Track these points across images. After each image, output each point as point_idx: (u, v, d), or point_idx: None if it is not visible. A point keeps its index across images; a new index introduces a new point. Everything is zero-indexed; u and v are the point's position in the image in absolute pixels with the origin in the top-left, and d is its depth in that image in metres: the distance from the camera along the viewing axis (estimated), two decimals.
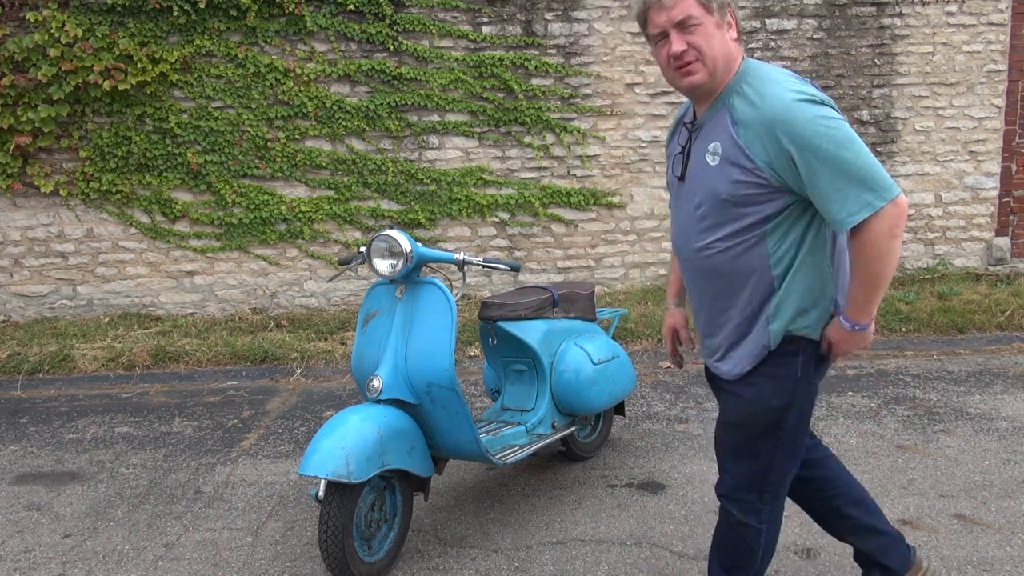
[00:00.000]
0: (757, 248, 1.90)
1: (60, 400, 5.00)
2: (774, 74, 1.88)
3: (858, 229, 1.80)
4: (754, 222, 1.88)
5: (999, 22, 6.69)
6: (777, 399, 1.99)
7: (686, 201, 2.01)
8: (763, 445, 2.05)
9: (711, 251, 1.95)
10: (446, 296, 2.83)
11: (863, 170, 1.76)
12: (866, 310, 1.88)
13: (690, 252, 2.03)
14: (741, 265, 1.92)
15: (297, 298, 6.68)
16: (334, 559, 2.60)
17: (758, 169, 1.82)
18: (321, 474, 2.51)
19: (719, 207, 1.90)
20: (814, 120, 1.77)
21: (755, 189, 1.84)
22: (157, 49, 6.05)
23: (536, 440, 3.30)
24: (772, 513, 2.14)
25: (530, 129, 6.57)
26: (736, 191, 1.85)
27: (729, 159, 1.85)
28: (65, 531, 3.26)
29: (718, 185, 1.88)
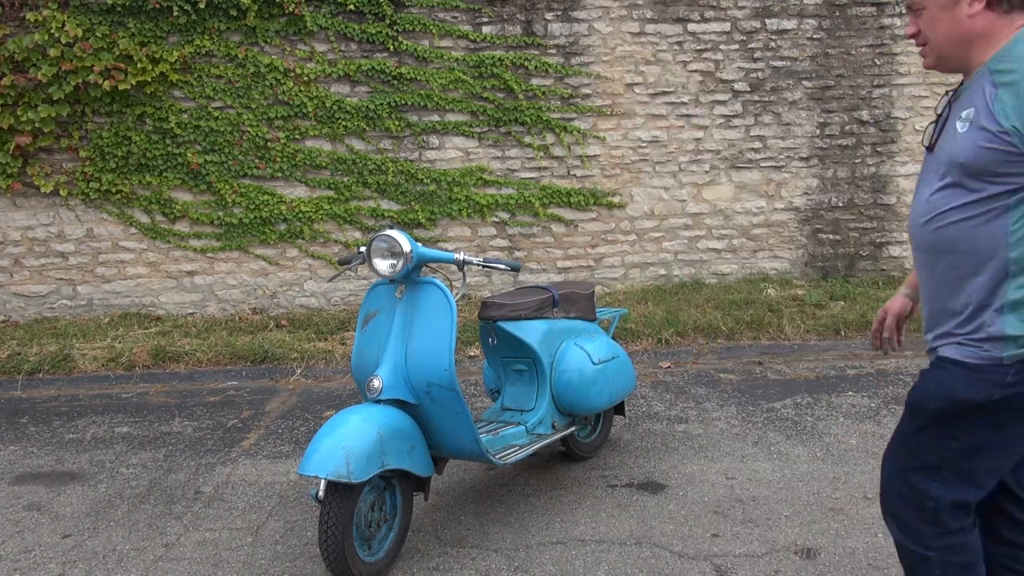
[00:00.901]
0: (995, 223, 1.68)
1: (60, 400, 5.00)
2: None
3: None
4: (996, 193, 1.67)
5: None
6: (968, 393, 1.73)
7: (931, 172, 1.83)
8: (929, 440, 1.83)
9: (941, 223, 1.76)
10: (446, 296, 2.83)
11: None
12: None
13: (920, 226, 1.83)
14: (973, 240, 1.71)
15: (297, 298, 6.68)
16: (334, 559, 2.60)
17: (1004, 133, 1.63)
18: (321, 474, 2.51)
19: (960, 176, 1.72)
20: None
21: (1000, 157, 1.65)
22: (157, 49, 6.05)
23: (536, 440, 3.30)
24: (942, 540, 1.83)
25: (530, 129, 6.57)
26: (979, 157, 1.67)
27: (978, 124, 1.68)
28: (65, 531, 3.25)
29: (961, 151, 1.70)
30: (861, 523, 3.07)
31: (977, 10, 1.70)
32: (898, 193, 6.88)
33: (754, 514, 3.17)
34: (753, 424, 4.14)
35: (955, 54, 1.77)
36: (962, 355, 1.75)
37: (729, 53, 6.62)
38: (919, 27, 1.79)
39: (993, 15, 1.70)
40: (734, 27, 6.59)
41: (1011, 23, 1.70)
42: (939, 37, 1.76)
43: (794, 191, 6.86)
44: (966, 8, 1.70)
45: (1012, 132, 1.62)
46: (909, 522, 1.87)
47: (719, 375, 4.98)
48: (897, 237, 6.94)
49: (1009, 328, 1.69)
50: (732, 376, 4.96)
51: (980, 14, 1.70)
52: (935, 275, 1.82)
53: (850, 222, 6.91)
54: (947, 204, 1.75)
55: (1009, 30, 1.70)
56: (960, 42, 1.74)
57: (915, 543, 1.86)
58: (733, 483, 3.46)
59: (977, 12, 1.70)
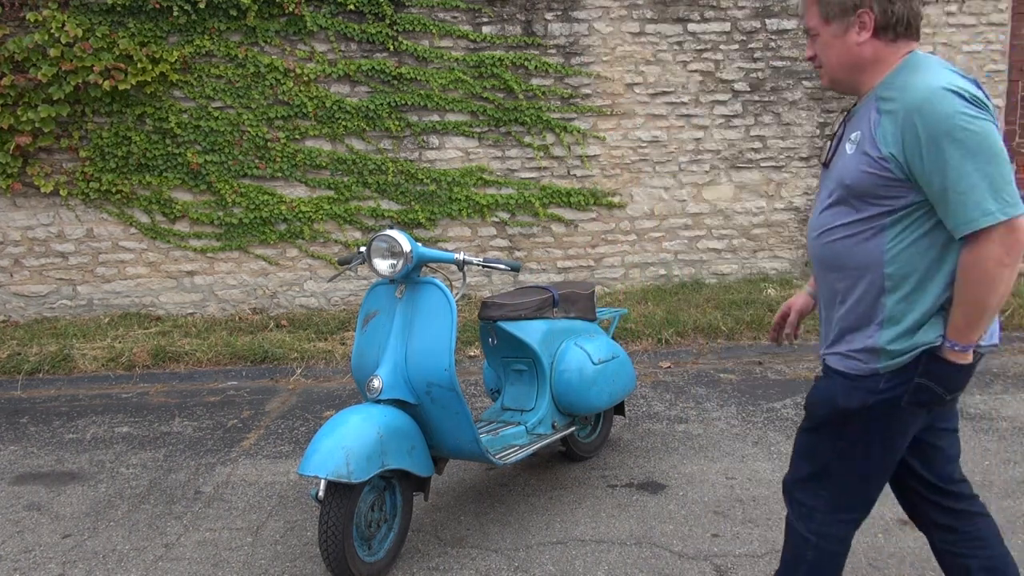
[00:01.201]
0: (874, 241, 1.81)
1: (60, 400, 5.00)
2: (934, 66, 1.78)
3: (970, 246, 1.70)
4: (874, 214, 1.80)
5: (999, 22, 6.69)
6: (846, 402, 1.87)
7: (824, 189, 1.96)
8: (822, 445, 1.96)
9: (829, 238, 1.89)
10: (446, 296, 2.83)
11: (993, 178, 1.66)
12: (965, 334, 1.77)
13: (813, 240, 1.97)
14: (855, 256, 1.84)
15: (297, 298, 6.68)
16: (334, 559, 2.60)
17: (884, 159, 1.74)
18: (321, 474, 2.51)
19: (844, 194, 1.84)
20: (955, 115, 1.66)
21: (879, 181, 1.76)
22: (157, 49, 6.05)
23: (536, 440, 3.30)
24: (824, 528, 1.99)
25: (530, 129, 6.57)
26: (861, 180, 1.79)
27: (863, 148, 1.79)
28: (65, 531, 3.26)
29: (848, 173, 1.82)
30: None
31: (865, 39, 1.81)
32: None
33: (754, 514, 3.17)
34: (753, 424, 4.14)
35: (846, 78, 1.88)
36: (844, 366, 1.88)
37: (729, 53, 6.62)
38: (815, 51, 1.90)
39: (880, 43, 1.81)
40: (734, 27, 6.59)
41: (897, 51, 1.82)
42: (831, 62, 1.87)
43: (794, 191, 6.86)
44: (855, 36, 1.81)
45: (890, 159, 1.73)
46: (804, 505, 2.02)
47: (719, 375, 4.98)
48: None
49: (885, 341, 1.81)
50: (732, 376, 4.96)
51: (868, 42, 1.81)
52: (826, 286, 1.95)
53: None
54: (835, 221, 1.87)
55: (895, 57, 1.82)
56: (851, 67, 1.85)
57: (804, 527, 2.01)
58: (733, 483, 3.46)
59: (865, 40, 1.81)
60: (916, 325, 1.80)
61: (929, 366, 1.80)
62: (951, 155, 1.66)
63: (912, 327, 1.80)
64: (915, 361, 1.81)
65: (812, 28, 1.88)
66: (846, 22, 1.81)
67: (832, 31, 1.84)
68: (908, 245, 1.78)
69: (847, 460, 1.93)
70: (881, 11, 1.78)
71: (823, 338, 2.02)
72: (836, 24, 1.83)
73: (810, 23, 1.88)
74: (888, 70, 1.82)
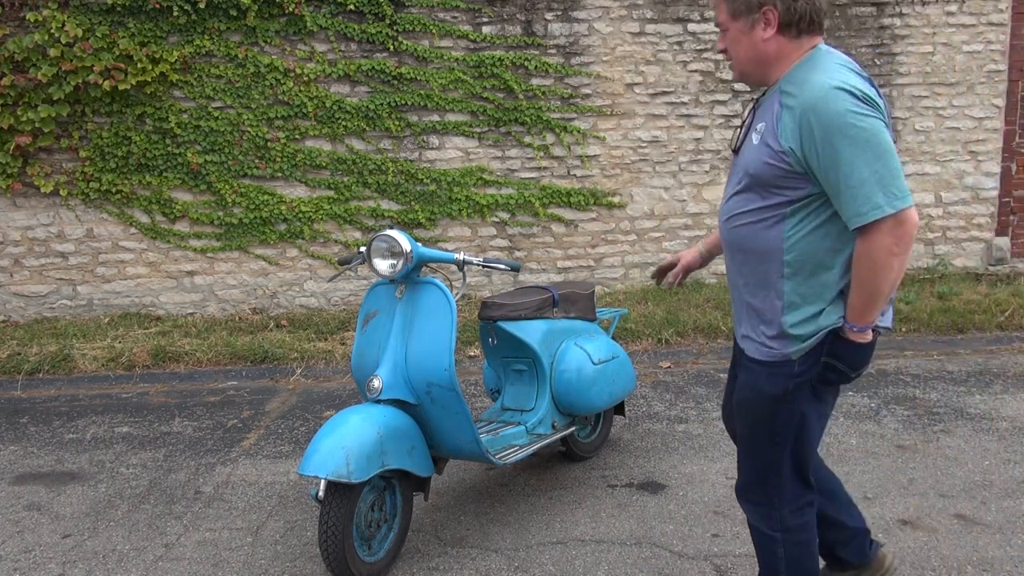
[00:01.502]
0: (775, 229, 1.92)
1: (60, 400, 5.00)
2: (830, 65, 1.87)
3: (863, 236, 1.80)
4: (776, 203, 1.91)
5: (999, 22, 6.69)
6: (770, 388, 1.99)
7: (734, 175, 2.07)
8: (761, 440, 2.07)
9: (737, 223, 2.00)
10: (446, 296, 2.83)
11: (881, 173, 1.75)
12: (863, 316, 1.88)
13: (723, 224, 2.08)
14: (758, 241, 1.96)
15: (297, 298, 6.68)
16: (334, 559, 2.60)
17: (783, 152, 1.85)
18: (321, 474, 2.51)
19: (749, 183, 1.95)
20: (846, 112, 1.76)
21: (779, 172, 1.87)
22: (157, 49, 6.05)
23: (536, 440, 3.30)
24: (785, 522, 2.09)
25: (530, 129, 6.57)
26: (763, 171, 1.90)
27: (765, 140, 1.90)
28: (65, 531, 3.26)
29: (752, 162, 1.93)
30: None
31: (770, 35, 1.90)
32: None
33: None
34: None
35: (754, 71, 1.97)
36: (761, 355, 2.01)
37: None
38: (726, 44, 1.99)
39: (784, 39, 1.91)
40: None
41: (801, 46, 1.92)
42: (740, 56, 1.97)
43: None
44: (760, 33, 1.91)
45: (789, 152, 1.83)
46: (762, 507, 2.11)
47: (719, 375, 4.98)
48: None
49: (789, 325, 1.95)
50: None
51: (773, 38, 1.91)
52: (734, 268, 2.08)
53: None
54: (742, 207, 1.99)
55: (800, 52, 1.92)
56: (757, 62, 1.95)
57: (766, 525, 2.11)
58: (733, 483, 3.46)
59: (770, 37, 1.91)
60: (817, 310, 1.92)
61: (834, 347, 1.93)
62: (843, 151, 1.76)
63: (814, 312, 1.92)
64: (821, 344, 1.93)
65: (722, 23, 1.97)
66: (752, 19, 1.90)
67: (739, 27, 1.93)
68: (806, 234, 1.89)
69: (784, 446, 2.03)
70: (785, 9, 1.87)
71: (736, 320, 2.16)
72: (743, 20, 1.92)
73: (720, 18, 1.97)
74: (792, 64, 1.92)
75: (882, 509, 3.19)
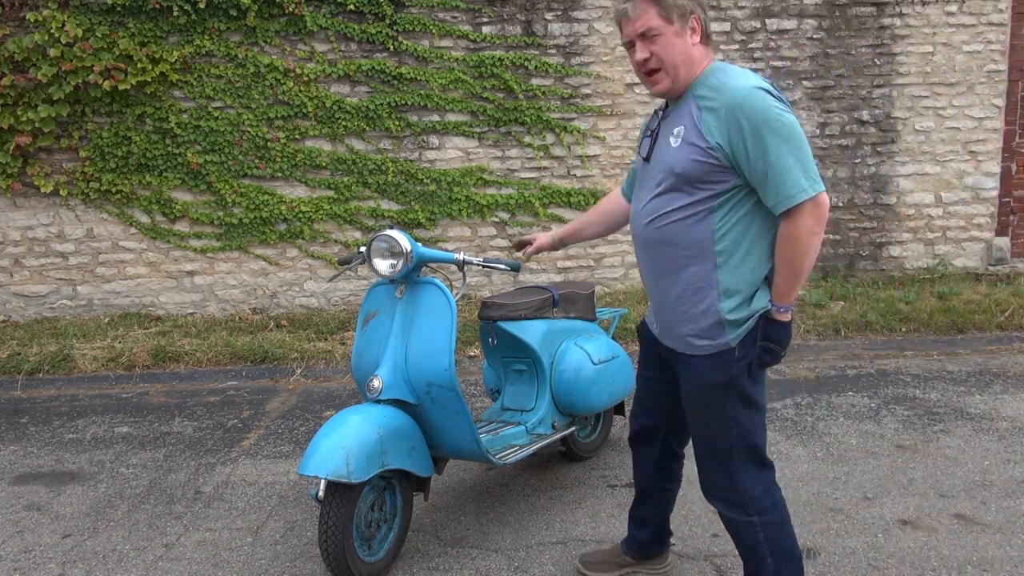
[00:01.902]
0: (705, 222, 2.07)
1: (60, 400, 5.00)
2: (739, 71, 2.06)
3: (788, 219, 1.99)
4: (704, 197, 2.05)
5: (999, 22, 6.69)
6: (715, 378, 2.12)
7: (649, 180, 2.19)
8: (717, 432, 2.17)
9: (663, 222, 2.12)
10: (446, 296, 2.83)
11: (803, 161, 1.96)
12: (787, 296, 2.08)
13: (643, 226, 2.19)
14: (689, 236, 2.09)
15: (297, 298, 6.68)
16: (334, 559, 2.60)
17: (712, 149, 2.00)
18: (321, 474, 2.51)
19: (674, 182, 2.08)
20: (770, 108, 1.95)
21: (708, 168, 2.02)
22: (157, 49, 6.05)
23: (536, 440, 3.30)
24: (758, 504, 2.19)
25: (530, 129, 6.57)
26: (691, 168, 2.04)
27: (689, 140, 2.04)
28: (65, 531, 3.26)
29: (676, 162, 2.07)
30: (861, 523, 3.08)
31: (696, 41, 2.08)
32: (898, 193, 6.88)
33: None
34: None
35: (684, 74, 2.09)
36: (700, 349, 2.14)
37: (729, 53, 6.62)
38: (651, 52, 2.07)
39: (701, 47, 2.10)
40: (734, 27, 6.59)
41: (708, 55, 2.13)
42: (676, 58, 2.07)
43: None
44: (690, 38, 2.07)
45: (716, 148, 2.00)
46: (731, 498, 2.21)
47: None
48: (897, 237, 6.95)
49: (726, 311, 2.09)
50: None
51: (697, 45, 2.09)
52: (660, 266, 2.18)
53: (850, 222, 6.92)
54: (667, 206, 2.11)
55: (707, 61, 2.12)
56: (689, 64, 2.08)
57: (739, 513, 2.21)
58: None
59: (696, 43, 2.08)
60: (749, 295, 2.09)
61: (767, 330, 2.10)
62: (770, 142, 1.94)
63: (747, 297, 2.09)
64: (755, 328, 2.10)
65: (653, 28, 2.05)
66: (684, 24, 2.05)
67: (675, 30, 2.05)
68: (734, 224, 2.06)
69: (738, 432, 2.15)
70: (704, 19, 2.09)
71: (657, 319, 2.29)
72: (677, 24, 2.05)
73: (650, 23, 2.05)
74: (699, 72, 2.10)
75: (882, 509, 3.19)
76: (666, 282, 2.17)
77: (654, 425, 2.51)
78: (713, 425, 2.17)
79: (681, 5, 2.03)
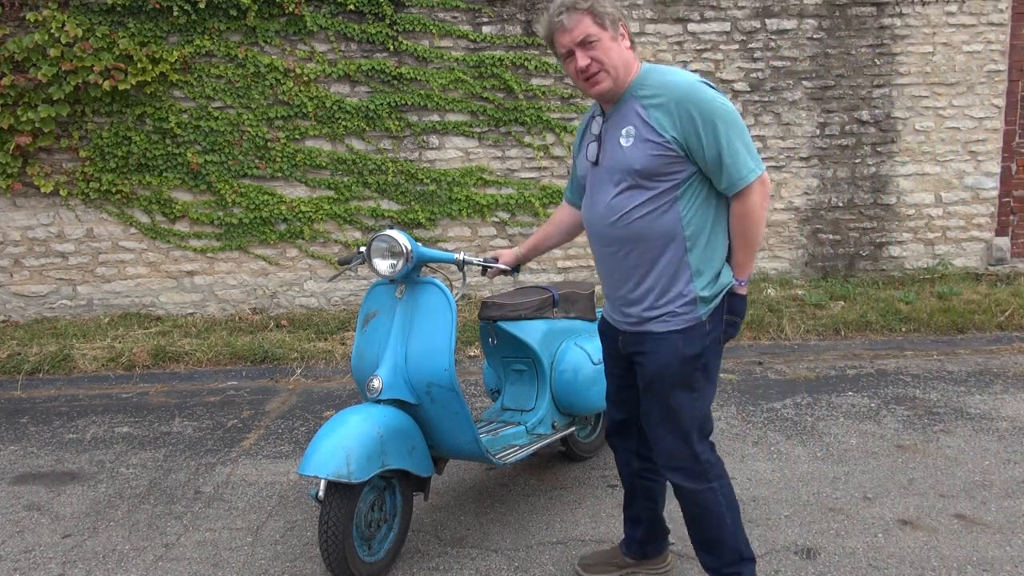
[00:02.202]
0: (671, 212, 2.21)
1: (60, 400, 5.00)
2: (673, 69, 2.25)
3: (740, 198, 2.18)
4: (665, 188, 2.20)
5: (999, 22, 6.69)
6: (688, 349, 2.25)
7: (604, 182, 2.30)
8: (681, 405, 2.29)
9: (631, 218, 2.24)
10: (446, 296, 2.83)
11: (747, 144, 2.16)
12: (745, 270, 2.28)
13: (608, 225, 2.29)
14: (658, 228, 2.22)
15: (297, 298, 6.68)
16: (334, 559, 2.60)
17: (668, 142, 2.15)
18: (321, 474, 2.51)
19: (636, 179, 2.21)
20: (714, 99, 2.14)
21: (665, 160, 2.17)
22: (157, 49, 6.05)
23: (536, 440, 3.30)
24: (715, 470, 2.34)
25: (530, 129, 6.57)
26: (650, 163, 2.18)
27: (642, 138, 2.18)
28: (65, 531, 3.26)
29: (635, 160, 2.19)
30: (861, 523, 3.08)
31: (627, 45, 2.23)
32: (898, 193, 6.88)
33: (754, 514, 3.17)
34: (753, 424, 4.14)
35: (623, 76, 2.22)
36: (676, 325, 2.26)
37: (729, 53, 6.62)
38: (592, 58, 2.18)
39: (631, 52, 2.24)
40: (734, 27, 6.59)
41: (636, 59, 2.27)
42: (616, 61, 2.20)
43: (794, 191, 6.86)
44: (623, 42, 2.22)
45: (672, 141, 2.15)
46: (692, 468, 2.33)
47: (719, 375, 4.98)
48: (897, 237, 6.95)
49: (699, 289, 2.24)
50: (732, 376, 4.96)
51: (628, 50, 2.23)
52: (631, 260, 2.28)
53: (850, 222, 6.92)
54: (631, 203, 2.23)
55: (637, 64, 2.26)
56: (626, 68, 2.22)
57: (699, 482, 2.33)
58: (733, 483, 3.45)
59: (627, 47, 2.23)
60: (716, 272, 2.26)
61: (731, 304, 2.29)
62: (720, 130, 2.12)
63: (715, 274, 2.26)
64: (721, 303, 2.27)
65: (591, 35, 2.17)
66: (616, 31, 2.20)
67: (610, 35, 2.19)
68: (696, 209, 2.22)
69: (699, 402, 2.31)
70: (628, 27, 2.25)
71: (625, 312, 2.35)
72: (611, 30, 2.19)
73: (588, 31, 2.17)
74: (634, 73, 2.24)
75: (882, 509, 3.19)
76: (638, 274, 2.28)
77: (625, 419, 2.58)
78: (680, 399, 2.29)
79: (611, 13, 2.18)
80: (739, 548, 2.38)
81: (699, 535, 2.41)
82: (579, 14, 2.16)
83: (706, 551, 2.41)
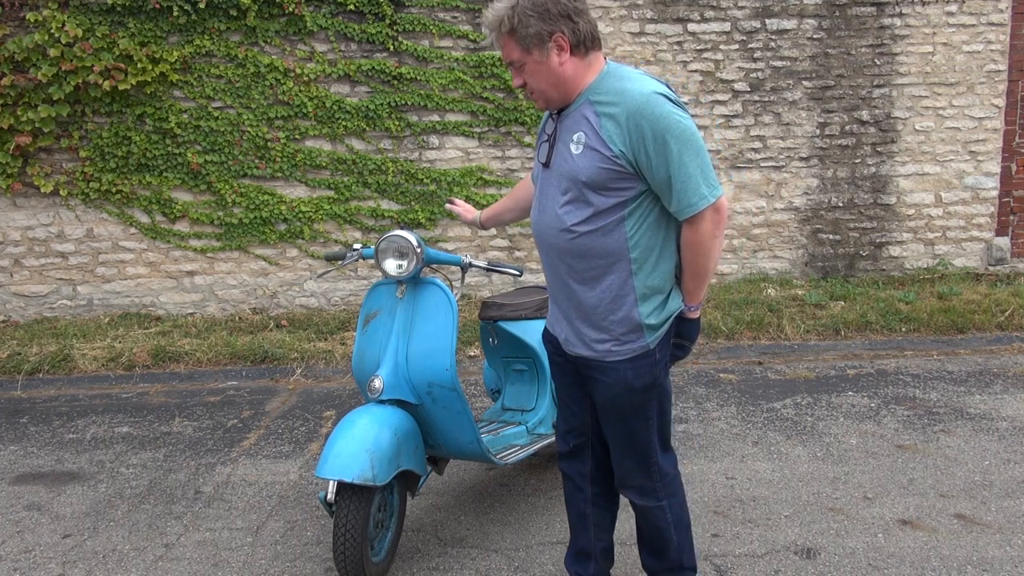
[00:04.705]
0: (617, 231, 2.08)
1: (60, 400, 5.00)
2: (634, 74, 2.08)
3: (690, 225, 2.04)
4: (613, 205, 2.06)
5: (999, 22, 6.69)
6: (639, 380, 2.17)
7: (552, 187, 2.17)
8: (637, 429, 2.24)
9: (575, 233, 2.11)
10: (447, 296, 2.83)
11: (703, 167, 2.00)
12: (696, 296, 2.17)
13: (554, 235, 2.16)
14: (603, 246, 2.09)
15: (297, 298, 6.68)
16: (351, 562, 2.55)
17: (615, 157, 2.01)
18: (347, 477, 2.47)
19: (582, 191, 2.07)
20: (670, 114, 1.97)
21: (613, 175, 2.03)
22: (157, 49, 6.05)
23: (537, 440, 3.30)
24: (667, 488, 2.34)
25: (530, 129, 6.57)
26: (596, 176, 2.04)
27: (591, 147, 2.04)
28: (65, 531, 3.26)
29: (580, 171, 2.06)
30: (861, 523, 3.08)
31: (565, 59, 2.06)
32: (898, 193, 6.88)
33: (754, 514, 3.18)
34: (753, 424, 4.14)
35: (557, 95, 2.11)
36: (622, 355, 2.16)
37: (729, 53, 6.62)
38: (524, 79, 2.11)
39: (576, 59, 2.07)
40: (734, 27, 6.59)
41: (590, 63, 2.09)
42: (542, 85, 2.09)
43: (794, 191, 6.87)
44: (556, 59, 2.05)
45: (620, 155, 2.00)
46: (644, 487, 2.33)
47: (719, 375, 4.98)
48: (897, 237, 6.95)
49: (644, 316, 2.13)
50: (732, 376, 4.96)
51: (568, 61, 2.06)
52: (573, 276, 2.17)
53: (850, 222, 6.92)
54: (577, 217, 2.10)
55: (591, 68, 2.10)
56: (559, 86, 2.09)
57: (651, 500, 2.33)
58: (733, 483, 3.46)
59: (565, 60, 2.06)
60: (664, 298, 2.15)
61: (680, 328, 2.21)
62: (672, 149, 1.96)
63: (662, 300, 2.15)
64: (670, 328, 2.18)
65: (516, 60, 2.08)
66: (545, 49, 2.04)
67: (535, 59, 2.06)
68: (644, 230, 2.08)
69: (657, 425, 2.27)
70: (571, 32, 2.03)
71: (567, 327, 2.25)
72: (536, 52, 2.05)
73: (513, 56, 2.08)
74: (590, 78, 2.09)
75: (882, 509, 3.19)
76: (581, 291, 2.16)
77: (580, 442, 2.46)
78: (635, 425, 2.24)
79: (536, 33, 2.02)
80: (680, 559, 2.41)
81: (644, 539, 2.45)
82: (504, 37, 2.06)
83: (648, 553, 2.46)
